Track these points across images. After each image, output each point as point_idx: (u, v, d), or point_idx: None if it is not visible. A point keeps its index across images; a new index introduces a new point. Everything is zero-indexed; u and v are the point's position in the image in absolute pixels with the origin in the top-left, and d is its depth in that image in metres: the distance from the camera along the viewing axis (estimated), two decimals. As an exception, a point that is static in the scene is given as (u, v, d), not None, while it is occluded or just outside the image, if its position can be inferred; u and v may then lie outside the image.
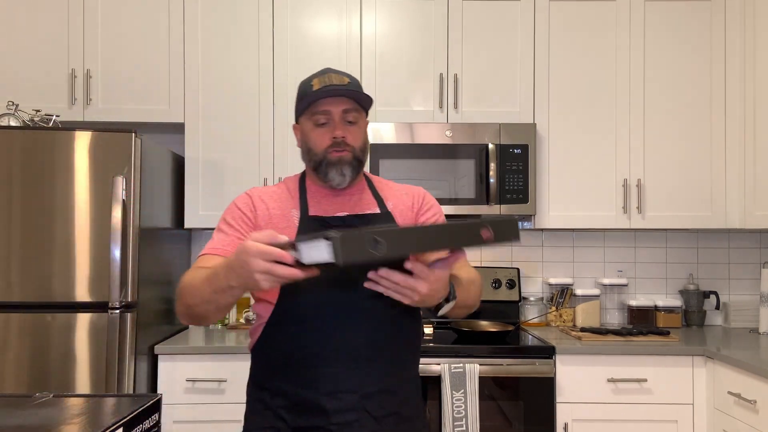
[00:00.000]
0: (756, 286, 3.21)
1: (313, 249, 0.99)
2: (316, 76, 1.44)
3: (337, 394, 1.34)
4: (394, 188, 1.57)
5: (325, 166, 1.42)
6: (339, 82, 1.42)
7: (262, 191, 1.49)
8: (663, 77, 2.92)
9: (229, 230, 1.42)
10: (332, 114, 1.42)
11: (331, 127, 1.43)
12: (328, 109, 1.42)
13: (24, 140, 2.35)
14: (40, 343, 2.31)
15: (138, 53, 2.88)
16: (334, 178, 1.43)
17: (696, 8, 2.93)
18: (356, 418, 1.34)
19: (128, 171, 2.36)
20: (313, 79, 1.44)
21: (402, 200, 1.53)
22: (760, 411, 2.16)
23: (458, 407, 2.40)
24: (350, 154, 1.43)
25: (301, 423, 1.35)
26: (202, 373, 2.50)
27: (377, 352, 1.37)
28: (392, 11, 2.92)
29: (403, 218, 1.50)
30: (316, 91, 1.41)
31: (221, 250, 1.39)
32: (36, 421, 0.90)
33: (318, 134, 1.43)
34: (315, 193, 1.48)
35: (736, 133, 2.89)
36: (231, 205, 1.47)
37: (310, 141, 1.44)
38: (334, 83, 1.41)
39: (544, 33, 2.92)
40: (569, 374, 2.52)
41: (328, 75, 1.44)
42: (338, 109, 1.42)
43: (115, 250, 2.31)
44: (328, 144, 1.42)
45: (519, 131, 2.82)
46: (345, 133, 1.42)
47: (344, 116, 1.43)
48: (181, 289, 1.31)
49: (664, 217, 2.89)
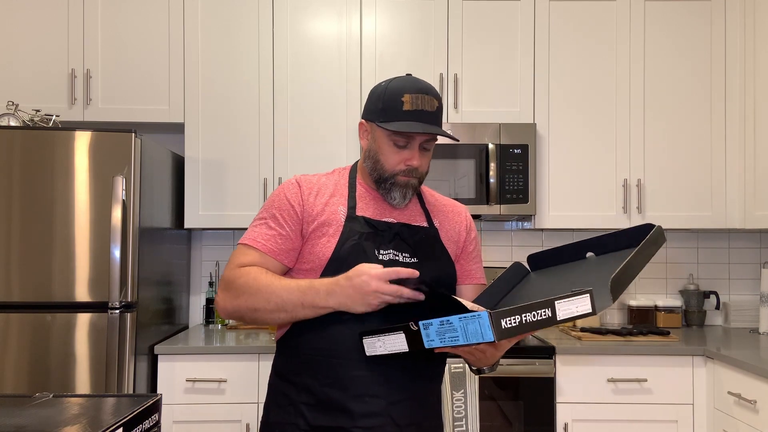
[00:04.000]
0: (756, 286, 3.21)
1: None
2: (408, 91, 1.36)
3: (365, 398, 1.32)
4: (441, 202, 1.55)
5: (390, 185, 1.40)
6: (430, 108, 1.36)
7: (311, 181, 1.45)
8: (663, 77, 2.92)
9: (274, 225, 1.39)
10: (414, 141, 1.38)
11: (409, 151, 1.38)
12: (412, 136, 1.37)
13: (24, 140, 2.35)
14: (40, 343, 2.31)
15: (138, 53, 2.88)
16: (395, 197, 1.41)
17: (696, 8, 2.93)
18: (380, 424, 1.33)
19: (128, 171, 2.36)
20: (403, 94, 1.36)
21: (449, 219, 1.51)
22: (760, 411, 2.16)
23: (458, 407, 2.39)
24: (417, 181, 1.42)
25: (324, 422, 1.33)
26: (202, 373, 2.50)
27: (409, 358, 1.33)
28: (392, 11, 2.92)
29: (448, 239, 1.48)
30: (409, 113, 1.34)
31: (263, 245, 1.37)
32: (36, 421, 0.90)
33: (394, 154, 1.39)
34: (364, 194, 1.45)
35: (736, 132, 2.89)
36: (279, 194, 1.43)
37: (382, 155, 1.40)
38: (426, 109, 1.35)
39: (544, 33, 2.92)
40: (569, 374, 2.52)
41: (421, 97, 1.35)
42: (422, 138, 1.38)
43: (114, 250, 2.31)
44: (402, 169, 1.39)
45: (519, 131, 2.82)
46: (420, 162, 1.40)
47: (423, 144, 1.39)
48: (241, 287, 1.32)
49: (664, 217, 2.89)
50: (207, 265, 3.20)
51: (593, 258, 1.36)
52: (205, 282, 3.18)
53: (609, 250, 1.34)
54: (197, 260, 3.22)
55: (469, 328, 1.04)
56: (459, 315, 1.05)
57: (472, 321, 1.03)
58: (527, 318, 1.02)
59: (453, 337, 1.07)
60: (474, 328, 1.04)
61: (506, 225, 3.24)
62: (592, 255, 1.36)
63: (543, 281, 1.37)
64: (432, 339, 1.11)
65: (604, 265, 1.25)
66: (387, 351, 1.21)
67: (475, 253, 1.54)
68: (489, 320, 1.02)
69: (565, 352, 2.52)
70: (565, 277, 1.32)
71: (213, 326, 3.06)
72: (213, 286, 3.12)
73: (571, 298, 1.03)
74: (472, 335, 1.05)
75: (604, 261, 1.30)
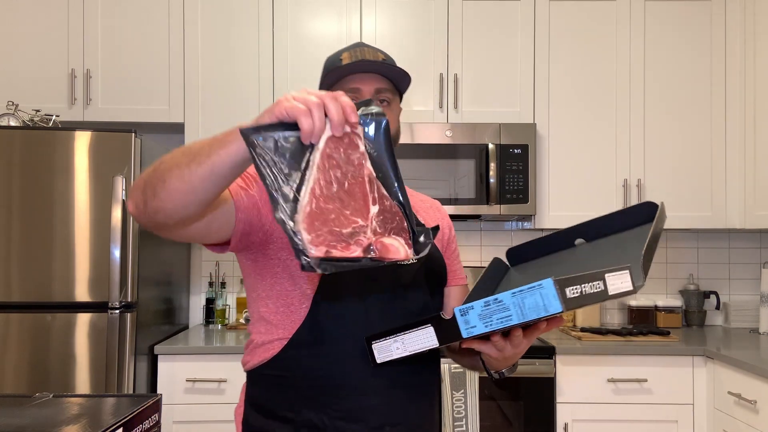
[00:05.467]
0: (756, 286, 3.21)
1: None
2: (347, 50, 1.27)
3: (385, 427, 1.18)
4: (418, 197, 1.43)
5: None
6: (373, 57, 1.24)
7: None
8: (663, 77, 2.92)
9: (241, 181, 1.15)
10: (363, 93, 1.23)
11: None
12: (358, 87, 1.23)
13: (24, 140, 2.35)
14: (40, 343, 2.31)
15: (138, 53, 2.88)
16: None
17: (696, 8, 2.93)
18: None
19: (128, 171, 2.36)
20: (342, 53, 1.27)
21: (431, 216, 1.40)
22: (760, 411, 2.16)
23: (458, 407, 2.39)
24: None
25: None
26: (202, 373, 2.50)
27: (418, 377, 1.24)
28: (392, 11, 2.92)
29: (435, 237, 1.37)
30: (345, 66, 1.22)
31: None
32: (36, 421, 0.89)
33: None
34: None
35: (737, 132, 2.89)
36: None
37: None
38: (367, 58, 1.23)
39: (544, 33, 2.92)
40: (569, 374, 2.51)
41: (360, 49, 1.26)
42: (370, 88, 1.24)
43: (114, 250, 2.31)
44: None
45: (519, 131, 2.82)
46: None
47: (376, 96, 1.24)
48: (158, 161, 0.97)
49: (664, 217, 2.89)
50: (207, 265, 3.20)
51: (585, 245, 1.23)
52: (205, 282, 3.18)
53: (603, 234, 1.20)
54: (197, 260, 3.22)
55: (527, 302, 0.91)
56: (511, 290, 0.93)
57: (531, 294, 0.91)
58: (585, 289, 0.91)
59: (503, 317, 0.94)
60: (534, 301, 0.91)
61: (506, 225, 3.24)
62: (582, 241, 1.23)
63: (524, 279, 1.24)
64: (473, 325, 0.97)
65: (606, 250, 1.14)
66: (408, 352, 1.06)
67: (457, 251, 1.45)
68: (555, 288, 0.88)
69: (565, 352, 2.52)
70: (552, 269, 1.20)
71: (213, 326, 3.06)
72: (213, 286, 3.12)
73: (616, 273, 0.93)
74: (530, 310, 0.92)
75: (601, 246, 1.18)
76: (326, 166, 0.86)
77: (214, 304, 3.08)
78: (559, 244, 1.25)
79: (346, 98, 0.86)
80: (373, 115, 0.89)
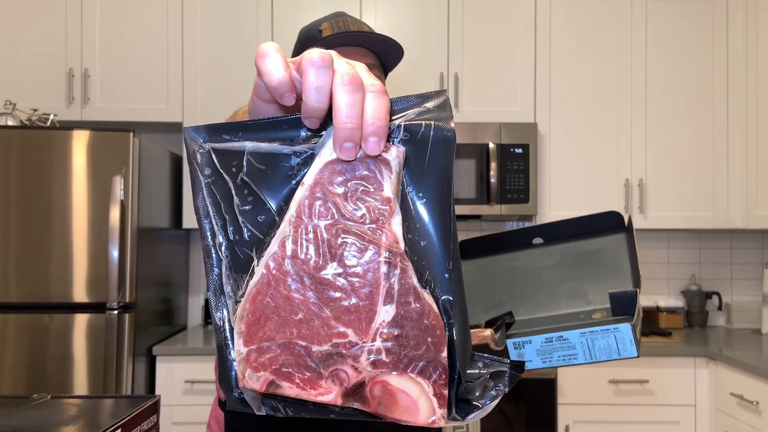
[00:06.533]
0: (758, 286, 3.20)
1: None
2: (326, 20, 1.12)
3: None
4: None
5: None
6: (357, 29, 1.09)
7: None
8: (665, 76, 2.91)
9: None
10: None
11: None
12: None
13: (21, 140, 2.33)
14: (38, 344, 2.29)
15: (136, 52, 2.87)
16: None
17: (698, 7, 2.92)
18: None
19: (126, 171, 2.34)
20: (322, 23, 1.11)
21: None
22: (762, 412, 2.15)
23: (459, 408, 2.38)
24: None
25: None
26: (201, 374, 2.48)
27: None
28: (392, 10, 2.91)
29: None
30: (327, 38, 1.06)
31: None
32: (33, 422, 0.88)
33: None
34: None
35: (739, 132, 2.88)
36: None
37: None
38: (351, 29, 1.08)
39: (545, 32, 2.91)
40: (571, 375, 2.50)
41: (342, 18, 1.11)
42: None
43: (113, 250, 2.30)
44: None
45: (520, 131, 2.80)
46: None
47: None
48: None
49: (666, 217, 2.88)
50: (206, 265, 3.18)
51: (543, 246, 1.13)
52: (204, 282, 3.16)
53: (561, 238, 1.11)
54: (196, 260, 3.20)
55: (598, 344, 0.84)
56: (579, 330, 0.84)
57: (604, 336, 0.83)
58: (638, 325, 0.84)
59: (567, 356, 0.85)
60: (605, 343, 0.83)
61: (507, 225, 3.23)
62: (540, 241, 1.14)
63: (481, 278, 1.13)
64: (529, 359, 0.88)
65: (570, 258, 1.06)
66: None
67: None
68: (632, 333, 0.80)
69: (567, 352, 2.50)
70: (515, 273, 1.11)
71: (211, 327, 3.04)
72: (212, 287, 3.10)
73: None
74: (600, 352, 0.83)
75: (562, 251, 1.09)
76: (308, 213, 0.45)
77: (213, 305, 3.07)
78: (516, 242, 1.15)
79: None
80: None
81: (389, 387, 0.45)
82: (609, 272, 0.98)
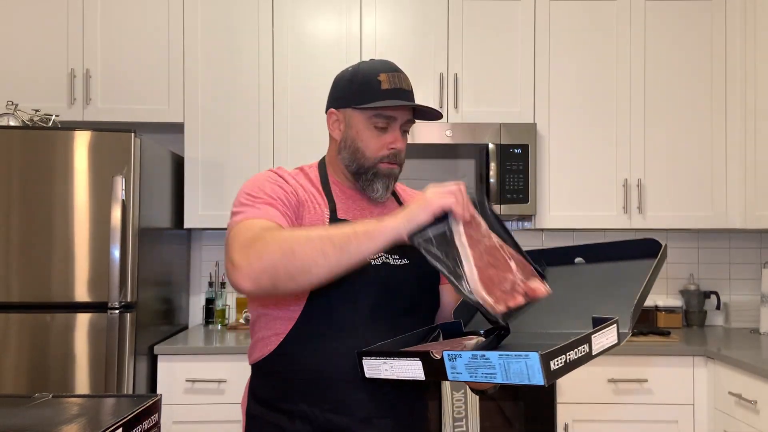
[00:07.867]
0: (757, 286, 3.21)
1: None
2: (384, 71, 1.27)
3: (372, 420, 1.22)
4: (412, 195, 1.43)
5: (372, 175, 1.28)
6: (408, 88, 1.27)
7: (287, 173, 1.31)
8: (664, 77, 2.92)
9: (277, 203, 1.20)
10: (396, 122, 1.27)
11: (390, 134, 1.27)
12: (394, 116, 1.26)
13: (23, 140, 2.34)
14: (40, 343, 2.31)
15: (138, 53, 2.88)
16: (378, 190, 1.29)
17: (696, 7, 2.93)
18: None
19: (128, 171, 2.36)
20: (379, 73, 1.26)
21: None
22: (760, 411, 2.16)
23: (458, 407, 2.39)
24: (399, 169, 1.30)
25: None
26: (202, 373, 2.49)
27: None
28: (392, 10, 2.92)
29: None
30: (388, 92, 1.24)
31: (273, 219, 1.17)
32: (35, 421, 0.89)
33: (374, 138, 1.27)
34: (340, 194, 1.32)
35: (737, 132, 2.89)
36: (261, 181, 1.25)
37: (362, 141, 1.27)
38: (404, 87, 1.26)
39: (544, 32, 2.92)
40: (570, 375, 2.51)
41: (398, 75, 1.27)
42: (404, 119, 1.28)
43: (114, 250, 2.31)
44: (384, 154, 1.27)
45: (519, 131, 2.81)
46: (403, 146, 1.29)
47: (404, 126, 1.29)
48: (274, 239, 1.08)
49: (664, 217, 2.89)
50: (207, 265, 3.20)
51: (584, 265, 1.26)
52: (205, 282, 3.17)
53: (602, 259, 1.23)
54: (197, 260, 3.21)
55: (512, 367, 0.92)
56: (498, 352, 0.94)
57: (517, 361, 0.91)
58: (570, 357, 0.94)
59: (488, 373, 0.95)
60: (518, 368, 0.91)
61: (506, 225, 3.24)
62: (581, 261, 1.27)
63: None
64: (459, 372, 0.98)
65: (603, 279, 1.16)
66: (394, 376, 1.08)
67: None
68: (539, 362, 0.89)
69: (566, 352, 2.51)
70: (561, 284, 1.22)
71: (213, 326, 3.05)
72: (213, 287, 3.11)
73: (602, 331, 0.97)
74: (514, 375, 0.92)
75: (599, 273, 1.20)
76: (473, 244, 1.06)
77: (214, 305, 3.08)
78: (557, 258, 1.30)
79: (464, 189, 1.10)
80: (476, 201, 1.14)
81: (530, 286, 1.07)
82: (625, 296, 1.06)
